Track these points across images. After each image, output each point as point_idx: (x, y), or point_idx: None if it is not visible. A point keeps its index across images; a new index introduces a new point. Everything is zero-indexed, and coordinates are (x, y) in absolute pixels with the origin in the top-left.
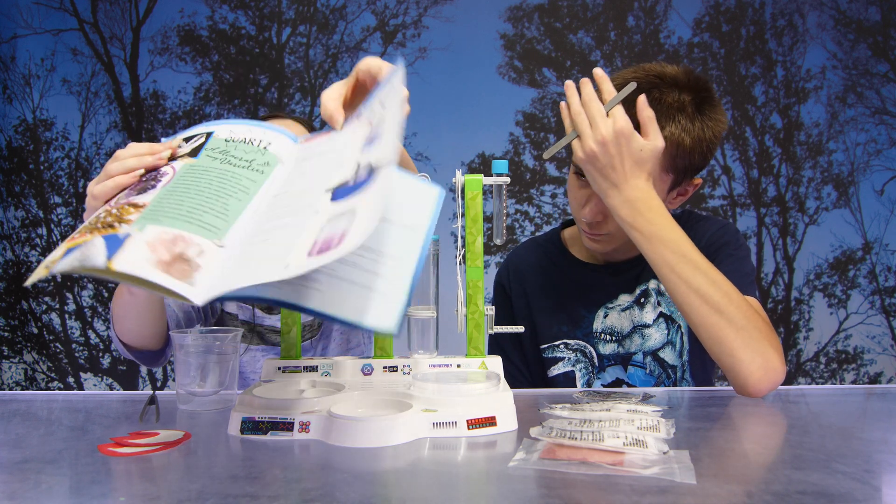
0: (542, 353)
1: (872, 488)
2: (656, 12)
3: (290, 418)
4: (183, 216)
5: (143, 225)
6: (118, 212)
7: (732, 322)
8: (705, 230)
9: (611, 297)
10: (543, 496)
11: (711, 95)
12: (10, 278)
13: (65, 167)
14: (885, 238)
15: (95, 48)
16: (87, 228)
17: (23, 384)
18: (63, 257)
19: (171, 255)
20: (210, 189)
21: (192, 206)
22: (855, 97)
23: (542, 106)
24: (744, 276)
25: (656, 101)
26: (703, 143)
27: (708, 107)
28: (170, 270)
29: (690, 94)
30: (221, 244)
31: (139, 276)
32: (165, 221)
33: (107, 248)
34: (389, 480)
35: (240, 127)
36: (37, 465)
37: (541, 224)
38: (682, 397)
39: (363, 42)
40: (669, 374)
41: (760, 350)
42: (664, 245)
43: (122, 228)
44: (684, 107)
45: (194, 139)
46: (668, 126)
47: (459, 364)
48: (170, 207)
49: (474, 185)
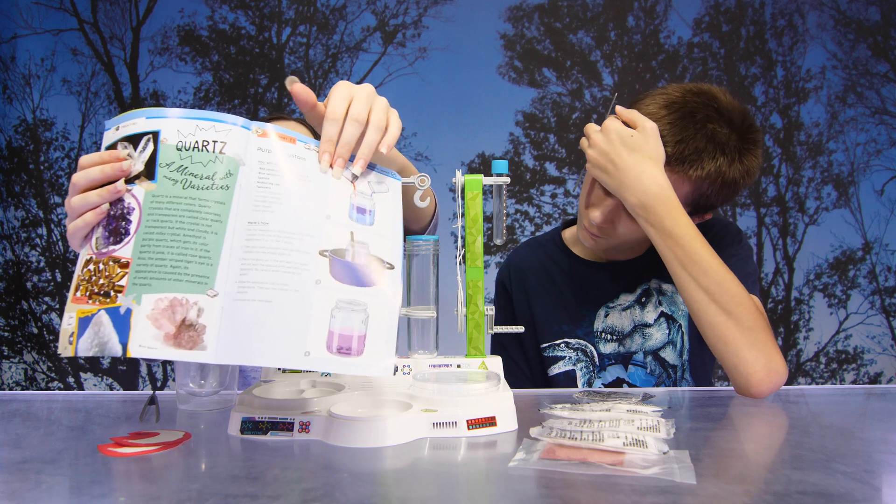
0: (543, 352)
1: (872, 488)
2: (656, 12)
3: (290, 418)
4: (170, 274)
5: (137, 295)
6: (108, 272)
7: (739, 322)
8: (708, 229)
9: (612, 296)
10: (543, 496)
11: (756, 134)
12: (10, 278)
13: (65, 167)
14: (885, 238)
15: (95, 48)
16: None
17: (23, 384)
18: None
19: (175, 325)
20: (184, 230)
21: (175, 258)
22: (855, 97)
23: (542, 106)
24: (747, 276)
25: (710, 133)
26: (731, 188)
27: (752, 143)
28: (180, 343)
29: (738, 133)
30: (214, 293)
31: (156, 358)
32: (157, 286)
33: (116, 331)
34: (389, 480)
35: (186, 124)
36: (37, 465)
37: (541, 224)
38: (682, 397)
39: (363, 42)
40: (670, 374)
41: (765, 351)
42: (675, 241)
43: (119, 300)
44: (728, 141)
45: (141, 145)
46: (704, 163)
47: (459, 364)
48: (154, 265)
49: (474, 185)
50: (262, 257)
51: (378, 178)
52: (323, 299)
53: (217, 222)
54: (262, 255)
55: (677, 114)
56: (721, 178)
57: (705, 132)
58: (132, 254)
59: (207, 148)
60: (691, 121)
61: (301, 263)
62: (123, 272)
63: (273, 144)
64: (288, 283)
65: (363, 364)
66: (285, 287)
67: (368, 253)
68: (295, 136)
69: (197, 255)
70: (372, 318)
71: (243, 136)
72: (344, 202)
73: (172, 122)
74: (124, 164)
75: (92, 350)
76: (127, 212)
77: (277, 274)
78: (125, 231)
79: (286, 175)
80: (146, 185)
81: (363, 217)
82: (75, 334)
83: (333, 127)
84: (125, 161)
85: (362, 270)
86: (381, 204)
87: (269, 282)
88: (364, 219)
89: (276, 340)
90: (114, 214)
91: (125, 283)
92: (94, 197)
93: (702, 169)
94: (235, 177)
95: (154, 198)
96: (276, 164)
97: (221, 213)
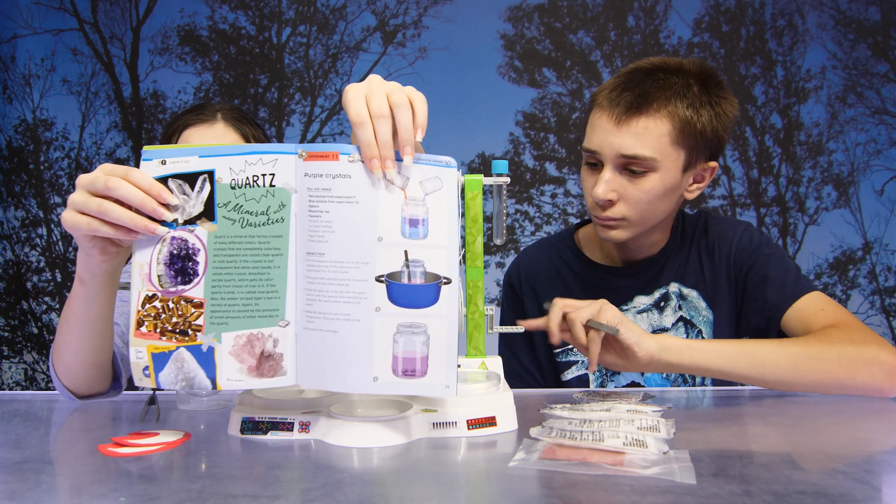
0: (556, 357)
1: (872, 488)
2: (656, 12)
3: (290, 418)
4: (243, 312)
5: (217, 334)
6: (182, 311)
7: (829, 361)
8: (730, 235)
9: (626, 299)
10: (543, 496)
11: (719, 80)
12: (10, 278)
13: (65, 167)
14: (885, 238)
15: (95, 48)
16: (153, 325)
17: (23, 384)
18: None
19: (256, 358)
20: (249, 268)
21: (245, 297)
22: (855, 97)
23: (542, 106)
24: (797, 275)
25: (661, 81)
26: (714, 119)
27: (715, 87)
28: (262, 373)
29: (696, 77)
30: (285, 323)
31: (244, 388)
32: (233, 325)
33: (202, 367)
34: (389, 480)
35: (236, 161)
36: (37, 465)
37: (541, 224)
38: (683, 397)
39: (363, 42)
40: (686, 378)
41: (868, 360)
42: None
43: (198, 338)
44: (690, 86)
45: (198, 186)
46: (675, 101)
47: (459, 364)
48: (227, 305)
49: (474, 185)
50: (324, 288)
51: (430, 172)
52: (384, 325)
53: (278, 256)
54: (322, 286)
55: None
56: (697, 113)
57: (656, 80)
58: (204, 294)
59: (258, 182)
60: (637, 72)
61: (359, 293)
62: (198, 312)
63: (318, 168)
64: (350, 312)
65: (429, 384)
66: (348, 317)
67: (424, 271)
68: (337, 149)
69: (265, 291)
70: (432, 339)
71: (290, 163)
72: (395, 218)
73: (224, 161)
74: (166, 214)
75: (178, 384)
76: (192, 252)
77: (339, 304)
78: (193, 272)
79: (335, 200)
80: (208, 227)
81: (416, 230)
82: (151, 368)
83: (365, 130)
84: (167, 211)
85: (419, 291)
86: (434, 208)
87: (332, 312)
88: (417, 232)
89: (346, 367)
90: (178, 254)
91: (202, 323)
92: (126, 217)
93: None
94: (288, 207)
95: (217, 238)
96: (323, 189)
97: (281, 247)
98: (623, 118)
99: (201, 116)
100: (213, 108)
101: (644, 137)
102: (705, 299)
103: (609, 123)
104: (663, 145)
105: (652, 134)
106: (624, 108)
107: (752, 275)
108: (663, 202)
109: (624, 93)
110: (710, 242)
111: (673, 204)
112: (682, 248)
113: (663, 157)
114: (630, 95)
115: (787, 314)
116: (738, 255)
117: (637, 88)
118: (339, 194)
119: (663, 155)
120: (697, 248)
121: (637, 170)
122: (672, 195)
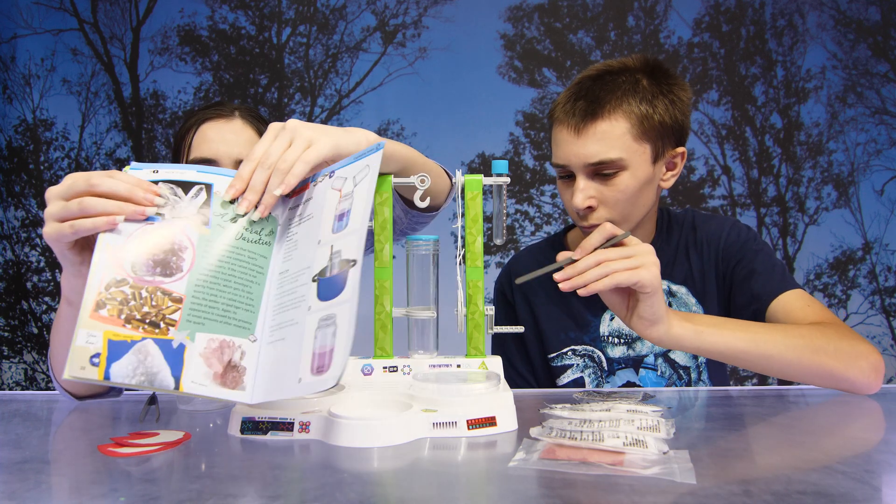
0: (551, 361)
1: (872, 488)
2: (656, 12)
3: (290, 418)
4: (221, 317)
5: (192, 333)
6: (156, 302)
7: (828, 354)
8: (718, 231)
9: None
10: (543, 496)
11: (665, 69)
12: (10, 278)
13: (65, 167)
14: (885, 238)
15: (95, 48)
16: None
17: (23, 384)
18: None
19: (223, 365)
20: (234, 277)
21: (226, 303)
22: (855, 97)
23: (542, 106)
24: (783, 271)
25: (610, 83)
26: (670, 107)
27: (663, 76)
28: (225, 382)
29: (642, 72)
30: (253, 338)
31: (204, 395)
32: (209, 327)
33: (168, 364)
34: (389, 480)
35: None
36: (37, 465)
37: (541, 224)
38: (683, 397)
39: (363, 42)
40: (681, 375)
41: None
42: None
43: (170, 333)
44: (638, 81)
45: (192, 192)
46: (627, 99)
47: (459, 364)
48: (208, 306)
49: (474, 185)
50: (282, 301)
51: (360, 165)
52: (312, 324)
53: (260, 274)
54: (281, 298)
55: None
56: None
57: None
58: (186, 291)
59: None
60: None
61: (301, 297)
62: (176, 307)
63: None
64: (294, 317)
65: (326, 380)
66: (293, 322)
67: (342, 259)
68: (309, 180)
69: (244, 302)
70: (338, 328)
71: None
72: (330, 219)
73: (223, 179)
74: (157, 199)
75: (135, 379)
76: (179, 248)
77: (287, 312)
78: (177, 267)
79: (301, 221)
80: (201, 230)
81: (341, 224)
82: (103, 356)
83: (246, 168)
84: (159, 198)
85: (336, 281)
86: (358, 195)
87: (281, 321)
88: (342, 225)
89: (283, 374)
90: (164, 248)
91: (178, 318)
92: (112, 205)
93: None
94: (275, 232)
95: (208, 242)
96: (297, 215)
97: (263, 266)
98: (581, 127)
99: (220, 111)
100: (231, 105)
101: (606, 141)
102: (694, 295)
103: (570, 135)
104: (626, 143)
105: (612, 135)
106: (580, 117)
107: (739, 269)
108: (642, 197)
109: (577, 102)
110: (698, 239)
111: (653, 196)
112: (668, 245)
113: (630, 155)
114: (583, 104)
115: (772, 306)
116: (726, 251)
117: (588, 95)
118: (303, 213)
119: (629, 153)
120: (685, 245)
121: (608, 172)
122: (649, 188)
